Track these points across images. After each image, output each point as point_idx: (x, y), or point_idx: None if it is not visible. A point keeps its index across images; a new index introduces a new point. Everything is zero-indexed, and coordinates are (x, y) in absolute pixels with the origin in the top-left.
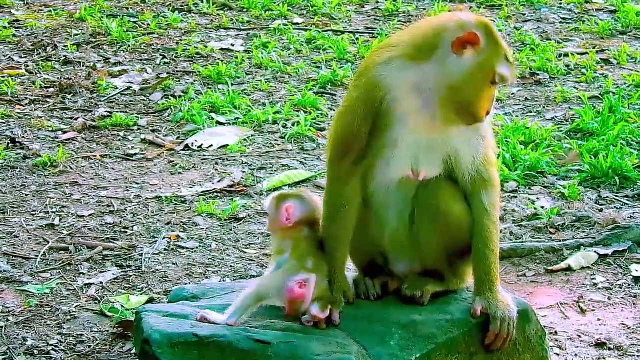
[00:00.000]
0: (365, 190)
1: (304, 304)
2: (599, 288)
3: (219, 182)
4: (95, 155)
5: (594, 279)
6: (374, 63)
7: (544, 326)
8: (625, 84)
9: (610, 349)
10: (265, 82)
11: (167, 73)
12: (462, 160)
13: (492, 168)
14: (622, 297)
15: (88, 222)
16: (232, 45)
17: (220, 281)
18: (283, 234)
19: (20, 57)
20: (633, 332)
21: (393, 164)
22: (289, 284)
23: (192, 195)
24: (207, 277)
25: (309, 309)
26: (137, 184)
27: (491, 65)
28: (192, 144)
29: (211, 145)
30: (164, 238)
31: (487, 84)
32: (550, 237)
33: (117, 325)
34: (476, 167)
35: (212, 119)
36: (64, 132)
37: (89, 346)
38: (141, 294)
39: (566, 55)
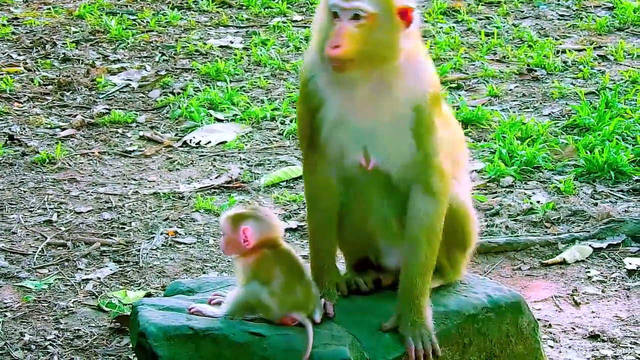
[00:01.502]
0: (338, 179)
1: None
2: (593, 281)
3: (216, 178)
4: (93, 152)
5: (589, 272)
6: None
7: (539, 319)
8: (621, 79)
9: (603, 340)
10: (264, 79)
11: (166, 70)
12: (391, 152)
13: (432, 170)
14: (616, 290)
15: (86, 218)
16: (231, 42)
17: (218, 276)
18: (241, 255)
19: (19, 55)
20: (626, 324)
21: (341, 150)
22: (284, 318)
23: (190, 192)
24: (204, 272)
25: (314, 317)
26: (135, 180)
27: (324, 3)
28: (190, 140)
29: (209, 142)
30: (161, 234)
31: (330, 23)
32: (546, 231)
33: (114, 320)
34: (410, 163)
35: (211, 115)
36: (63, 129)
37: (86, 341)
38: (139, 289)
39: (564, 51)
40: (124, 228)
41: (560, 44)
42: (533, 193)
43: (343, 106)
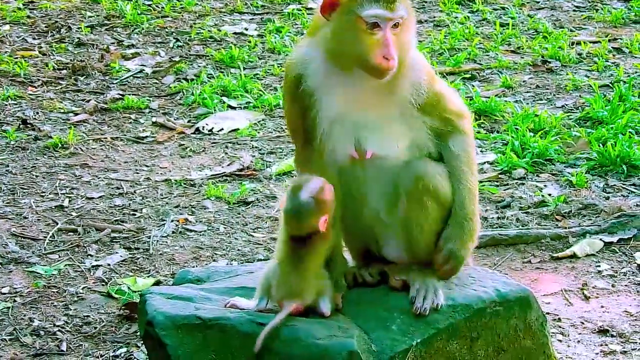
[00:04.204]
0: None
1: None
2: (603, 275)
3: (228, 165)
4: (106, 138)
5: (599, 266)
6: (294, 50)
7: (548, 312)
8: (636, 72)
9: (612, 335)
10: (278, 66)
11: (180, 56)
12: (395, 137)
13: (456, 117)
14: (626, 285)
15: (97, 204)
16: (246, 29)
17: (227, 264)
18: None
19: (34, 39)
20: (636, 320)
21: (334, 144)
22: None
23: (202, 179)
24: (214, 260)
25: (319, 306)
26: (147, 166)
27: (353, 13)
28: (203, 127)
29: (222, 129)
30: (172, 221)
31: (362, 32)
32: (556, 224)
33: (123, 307)
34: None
35: (224, 102)
36: (76, 114)
37: (95, 327)
38: (148, 277)
39: (578, 43)
40: (135, 214)
41: (575, 36)
42: (545, 186)
43: (341, 104)
